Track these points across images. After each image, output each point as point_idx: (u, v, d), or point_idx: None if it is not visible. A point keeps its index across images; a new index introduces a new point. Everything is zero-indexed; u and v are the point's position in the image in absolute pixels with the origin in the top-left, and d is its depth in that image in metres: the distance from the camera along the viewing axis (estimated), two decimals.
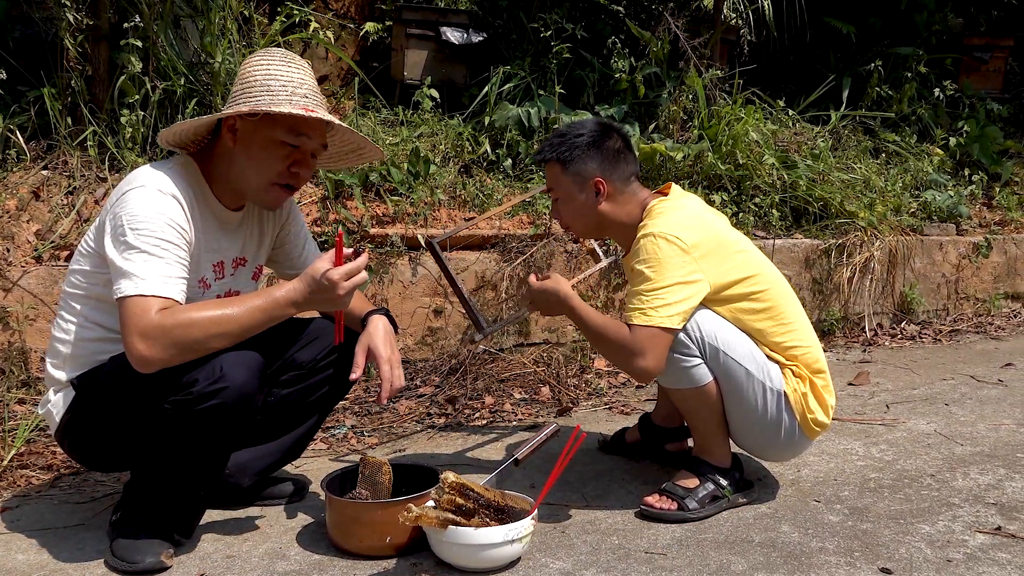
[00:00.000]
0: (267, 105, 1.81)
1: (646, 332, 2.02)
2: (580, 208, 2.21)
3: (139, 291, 1.70)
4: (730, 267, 2.11)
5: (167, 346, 1.68)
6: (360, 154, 2.14)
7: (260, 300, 1.75)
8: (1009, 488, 2.34)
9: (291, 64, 1.89)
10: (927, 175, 4.79)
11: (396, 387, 2.00)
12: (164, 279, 1.73)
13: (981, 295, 4.64)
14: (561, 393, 3.19)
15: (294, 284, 1.77)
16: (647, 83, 4.35)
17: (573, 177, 2.19)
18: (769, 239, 3.97)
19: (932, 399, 3.20)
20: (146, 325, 1.68)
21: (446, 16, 4.30)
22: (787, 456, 2.30)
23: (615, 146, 2.20)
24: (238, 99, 1.86)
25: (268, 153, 1.86)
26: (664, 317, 2.02)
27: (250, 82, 1.86)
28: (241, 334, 1.74)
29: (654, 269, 2.04)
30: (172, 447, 1.79)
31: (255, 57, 1.91)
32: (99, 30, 3.27)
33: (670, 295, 2.02)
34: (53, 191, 3.11)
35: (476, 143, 3.93)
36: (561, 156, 2.19)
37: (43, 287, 2.83)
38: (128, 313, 1.69)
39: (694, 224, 2.11)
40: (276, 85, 1.84)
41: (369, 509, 1.92)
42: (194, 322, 1.69)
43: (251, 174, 1.88)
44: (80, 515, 2.15)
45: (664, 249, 2.04)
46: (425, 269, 3.32)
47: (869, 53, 5.37)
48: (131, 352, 1.69)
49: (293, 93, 1.84)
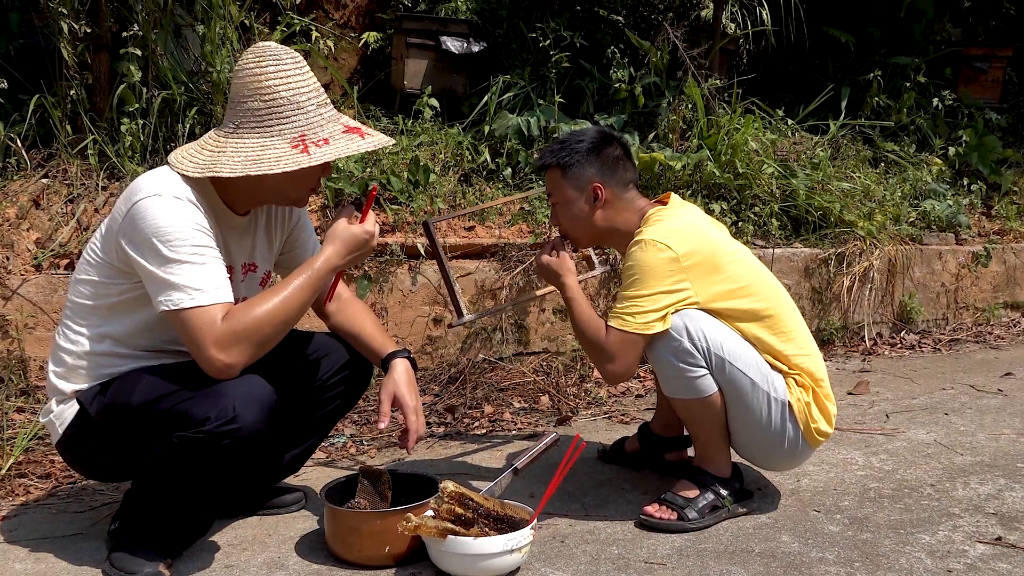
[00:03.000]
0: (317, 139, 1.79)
1: (620, 337, 2.07)
2: (578, 214, 2.23)
3: (197, 302, 1.69)
4: (724, 276, 2.11)
5: (245, 350, 1.71)
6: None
7: (303, 277, 1.79)
8: (1009, 498, 2.34)
9: (303, 69, 1.82)
10: (926, 184, 4.79)
11: (421, 435, 2.02)
12: (216, 285, 1.73)
13: (980, 304, 4.64)
14: (560, 402, 3.19)
15: (329, 250, 1.83)
16: (646, 93, 4.36)
17: (571, 182, 2.21)
18: (769, 248, 3.97)
19: (932, 408, 3.20)
20: (219, 335, 1.69)
21: (446, 26, 4.31)
22: (790, 466, 2.30)
23: (614, 153, 2.22)
24: (266, 120, 1.78)
25: (310, 171, 1.83)
26: (640, 324, 2.05)
27: (275, 99, 1.77)
28: (300, 315, 1.80)
29: (639, 276, 2.07)
30: (178, 474, 1.77)
31: (266, 65, 1.78)
32: (99, 39, 3.28)
33: (650, 303, 2.05)
34: (53, 199, 3.11)
35: (476, 152, 3.94)
36: (561, 161, 2.21)
37: (43, 295, 2.83)
38: (194, 326, 1.69)
39: (688, 232, 2.12)
40: (303, 99, 1.80)
41: (368, 519, 1.92)
42: (260, 319, 1.72)
43: (289, 187, 1.87)
44: (78, 524, 2.14)
45: (652, 256, 2.06)
46: (424, 278, 3.32)
47: (868, 63, 5.38)
48: (210, 363, 1.70)
49: (319, 105, 1.82)
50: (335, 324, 2.15)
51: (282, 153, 1.77)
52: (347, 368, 2.13)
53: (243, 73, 1.80)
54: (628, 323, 2.06)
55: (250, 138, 1.79)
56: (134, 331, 1.86)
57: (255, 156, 1.77)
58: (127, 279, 1.81)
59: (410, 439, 2.00)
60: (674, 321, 2.06)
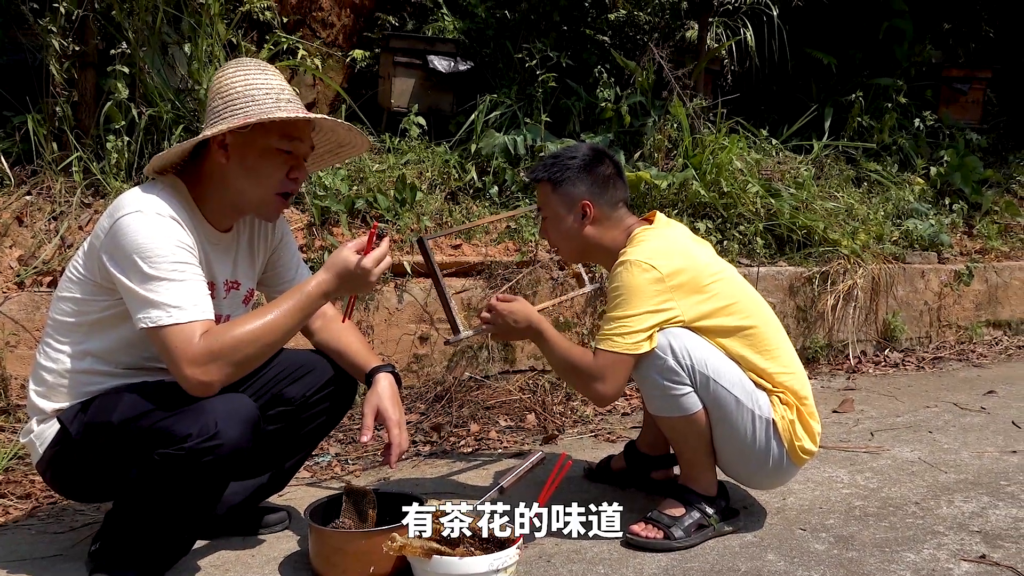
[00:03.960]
0: (259, 115, 1.78)
1: (608, 358, 2.07)
2: (566, 230, 2.25)
3: (175, 320, 1.69)
4: (709, 296, 2.13)
5: (222, 368, 1.70)
6: (339, 153, 2.13)
7: (293, 300, 1.78)
8: (993, 516, 2.35)
9: (267, 72, 1.87)
10: (908, 204, 4.85)
11: (404, 450, 2.01)
12: (195, 302, 1.72)
13: (963, 323, 4.68)
14: (547, 420, 3.18)
15: (321, 276, 1.81)
16: (632, 112, 4.40)
17: (561, 198, 2.23)
18: (753, 267, 3.99)
19: (916, 426, 3.21)
20: (195, 353, 1.67)
21: (433, 45, 4.33)
22: (775, 484, 2.30)
23: (606, 172, 2.24)
24: (222, 114, 1.82)
25: (266, 162, 1.84)
26: (629, 344, 2.06)
27: (231, 95, 1.82)
28: (286, 339, 1.78)
29: (625, 296, 2.08)
30: (160, 492, 1.75)
31: (229, 69, 1.86)
32: (86, 56, 3.27)
33: (636, 323, 2.06)
34: (36, 216, 3.09)
35: (463, 170, 3.95)
36: (552, 176, 2.23)
37: (24, 313, 2.81)
38: (171, 344, 1.68)
39: (673, 252, 2.13)
40: (259, 94, 1.82)
41: (353, 539, 1.90)
42: (240, 339, 1.70)
43: (250, 187, 1.86)
44: (58, 545, 2.11)
45: (637, 277, 2.07)
46: (411, 296, 3.32)
47: (850, 84, 5.46)
48: (187, 381, 1.69)
49: (278, 99, 1.83)
50: (320, 341, 2.14)
51: (224, 129, 1.79)
52: (331, 384, 2.11)
53: (211, 84, 1.88)
54: (617, 344, 2.06)
55: (208, 130, 1.83)
56: (116, 348, 1.85)
57: (199, 137, 1.81)
58: (109, 296, 1.80)
59: (393, 454, 1.98)
60: (659, 339, 2.07)
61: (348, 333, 2.14)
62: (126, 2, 3.27)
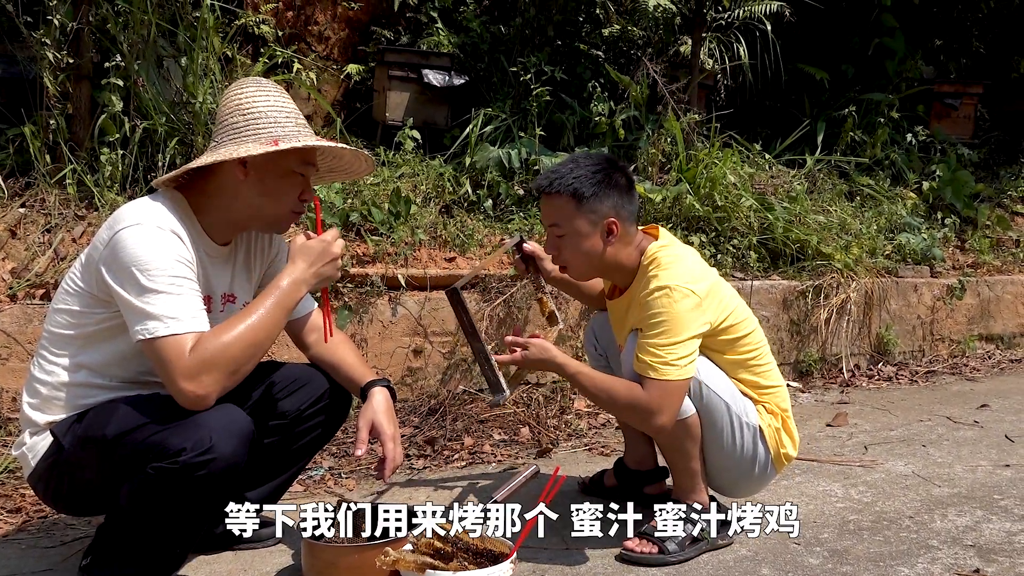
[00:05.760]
0: (289, 138, 1.83)
1: (663, 387, 2.01)
2: (588, 248, 2.12)
3: (171, 331, 1.69)
4: (723, 312, 2.14)
5: (216, 378, 1.69)
6: (334, 176, 2.18)
7: (271, 298, 1.79)
8: (987, 530, 2.35)
9: (284, 95, 1.92)
10: (901, 218, 4.87)
11: (398, 464, 2.00)
12: (192, 314, 1.72)
13: (956, 337, 4.70)
14: (541, 434, 3.18)
15: (291, 267, 1.84)
16: (626, 126, 4.42)
17: (588, 216, 2.09)
18: (747, 280, 4.00)
19: (909, 440, 3.22)
20: (188, 365, 1.67)
21: (428, 59, 4.35)
22: (756, 490, 2.32)
23: (624, 184, 2.14)
24: (243, 131, 1.84)
25: (285, 183, 1.89)
26: (681, 369, 2.02)
27: (254, 114, 1.85)
28: (271, 337, 1.79)
29: (671, 324, 2.02)
30: (153, 506, 1.74)
31: (248, 87, 1.89)
32: (81, 69, 3.28)
33: (684, 348, 2.02)
34: (30, 229, 3.08)
35: (457, 184, 3.96)
36: (576, 191, 2.07)
37: (17, 326, 2.80)
38: (165, 356, 1.68)
39: (700, 271, 2.13)
40: (281, 117, 1.86)
41: (346, 553, 1.89)
42: (227, 345, 1.70)
43: (267, 205, 1.89)
44: (49, 560, 2.09)
45: (680, 303, 2.03)
46: (405, 309, 3.32)
47: (843, 99, 5.50)
48: (182, 395, 1.69)
49: (297, 123, 1.88)
50: (314, 355, 2.14)
51: (253, 149, 1.81)
52: (326, 398, 2.11)
53: (227, 98, 1.89)
54: (670, 373, 2.00)
55: (227, 146, 1.84)
56: (111, 361, 1.84)
57: (228, 153, 1.81)
58: (106, 308, 1.80)
59: (387, 468, 1.98)
60: None
61: (343, 347, 2.14)
62: (121, 15, 3.28)
